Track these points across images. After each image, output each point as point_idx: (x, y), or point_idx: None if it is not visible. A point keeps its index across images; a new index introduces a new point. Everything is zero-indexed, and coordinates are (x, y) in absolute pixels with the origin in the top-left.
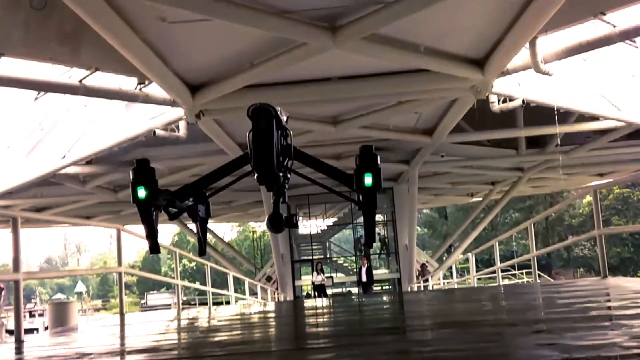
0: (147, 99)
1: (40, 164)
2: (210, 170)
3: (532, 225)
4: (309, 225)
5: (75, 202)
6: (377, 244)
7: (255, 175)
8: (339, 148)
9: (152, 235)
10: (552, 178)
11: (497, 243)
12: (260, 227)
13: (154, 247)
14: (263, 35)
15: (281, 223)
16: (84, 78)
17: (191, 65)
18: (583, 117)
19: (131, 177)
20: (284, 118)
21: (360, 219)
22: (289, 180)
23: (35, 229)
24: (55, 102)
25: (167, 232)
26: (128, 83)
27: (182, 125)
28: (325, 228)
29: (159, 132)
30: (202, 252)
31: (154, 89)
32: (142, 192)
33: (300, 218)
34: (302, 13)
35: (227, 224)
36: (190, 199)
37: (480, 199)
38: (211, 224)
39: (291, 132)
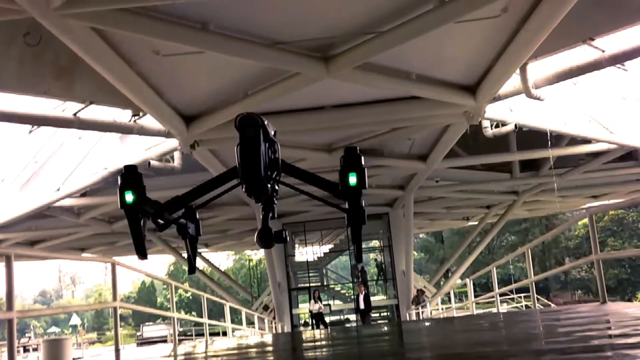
0: (142, 131)
1: (35, 197)
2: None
3: (529, 249)
4: (305, 253)
5: (70, 234)
6: (374, 270)
7: (243, 187)
8: (334, 175)
9: (139, 242)
10: (547, 201)
11: (494, 268)
12: (256, 254)
13: (141, 254)
14: (257, 66)
15: (271, 238)
16: (79, 111)
17: (185, 96)
18: (576, 140)
19: (119, 183)
20: (272, 132)
21: None
22: (277, 194)
23: (30, 261)
24: (49, 134)
25: (163, 262)
26: (122, 115)
27: (177, 155)
28: (322, 255)
29: (153, 163)
30: (191, 270)
31: (149, 121)
32: (129, 197)
33: (297, 245)
34: (295, 44)
35: (223, 252)
36: (180, 215)
37: (476, 222)
38: (207, 253)
39: (279, 145)
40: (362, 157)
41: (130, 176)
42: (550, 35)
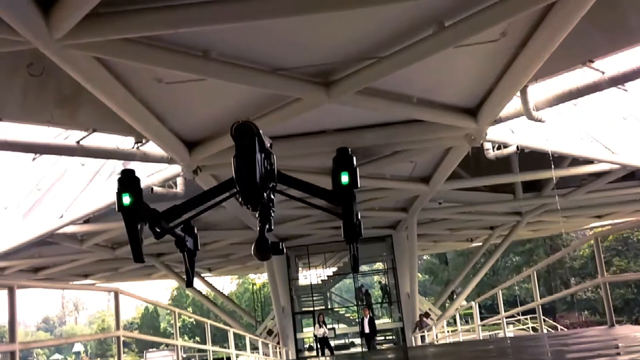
0: (145, 158)
1: (38, 224)
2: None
3: (535, 272)
4: (309, 276)
5: (73, 260)
6: (378, 292)
7: (239, 196)
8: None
9: (136, 246)
10: (551, 221)
11: (500, 291)
12: (259, 278)
13: (138, 257)
14: (258, 92)
15: (267, 249)
16: (82, 139)
17: (188, 123)
18: (577, 161)
19: (117, 186)
20: (268, 143)
21: (361, 269)
22: (274, 205)
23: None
24: (53, 161)
25: (166, 286)
26: (125, 142)
27: (180, 181)
28: (326, 278)
29: (156, 189)
30: (189, 284)
31: (151, 148)
32: (126, 199)
33: (300, 269)
34: (296, 70)
35: (226, 276)
36: (178, 227)
37: (480, 243)
38: (210, 278)
39: (274, 156)
40: (354, 158)
41: (128, 180)
42: (550, 57)
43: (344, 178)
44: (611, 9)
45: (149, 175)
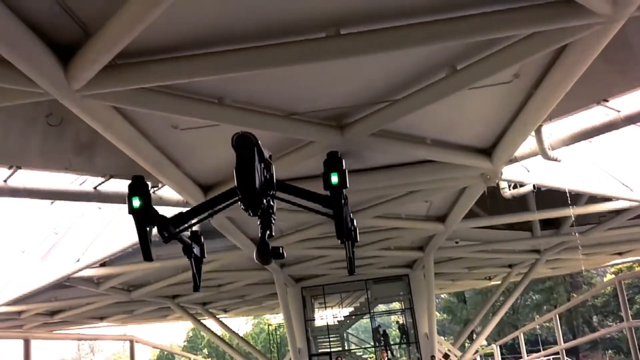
0: (160, 202)
1: (55, 268)
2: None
3: (557, 316)
4: (325, 317)
5: (89, 303)
6: (395, 332)
7: (241, 203)
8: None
9: (145, 246)
10: (570, 259)
11: (522, 334)
12: (275, 318)
13: (147, 256)
14: (272, 136)
15: (268, 253)
16: (99, 185)
17: (203, 166)
18: (596, 198)
19: (128, 191)
20: (267, 154)
21: (378, 308)
22: (274, 211)
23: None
24: (69, 205)
25: (182, 327)
26: None
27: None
28: (342, 319)
29: None
30: (196, 289)
31: (167, 192)
32: (136, 202)
33: (316, 309)
34: (309, 114)
35: (241, 317)
36: (187, 235)
37: (499, 282)
38: (225, 318)
39: (273, 166)
40: (343, 161)
41: (138, 185)
42: (564, 96)
43: (334, 178)
44: (624, 48)
45: None
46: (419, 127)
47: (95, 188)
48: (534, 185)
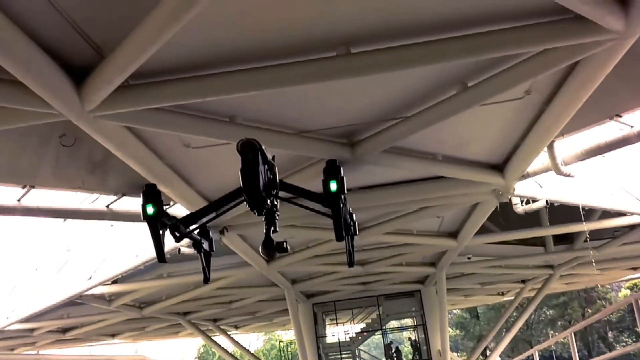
0: None
1: (67, 286)
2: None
3: (572, 333)
4: (336, 333)
5: (101, 320)
6: (408, 349)
7: (247, 203)
8: (363, 255)
9: (159, 249)
10: (585, 274)
11: (537, 352)
12: (286, 334)
13: (161, 258)
14: (283, 153)
15: (273, 247)
16: (111, 203)
17: (214, 184)
18: (609, 213)
19: (141, 198)
20: (270, 156)
21: (390, 325)
22: (277, 209)
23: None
24: (82, 223)
25: (193, 344)
26: None
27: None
28: (354, 335)
29: (184, 249)
30: (206, 281)
31: (179, 209)
32: (150, 209)
33: (327, 325)
34: (320, 132)
35: (253, 334)
36: (196, 231)
37: (512, 297)
38: (236, 335)
39: (276, 168)
40: (341, 169)
41: (151, 193)
42: (577, 112)
43: (333, 186)
44: (638, 63)
45: None
46: (430, 144)
47: (107, 206)
48: (546, 201)
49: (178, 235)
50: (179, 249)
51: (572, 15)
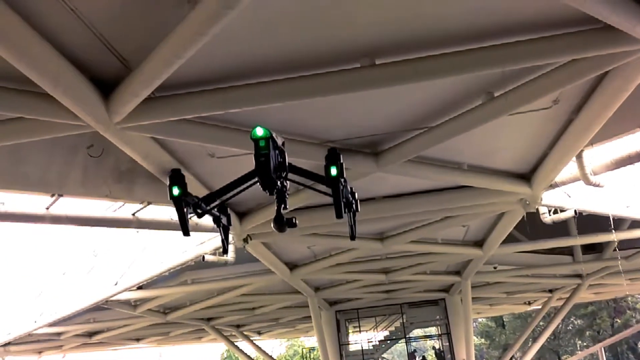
0: (197, 228)
1: (94, 291)
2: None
3: (602, 348)
4: (360, 340)
5: (126, 325)
6: (432, 358)
7: (260, 184)
8: (386, 263)
9: (184, 224)
10: (614, 284)
11: None
12: (309, 340)
13: (185, 232)
14: (306, 163)
15: (283, 222)
16: (137, 211)
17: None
18: (639, 222)
19: (168, 182)
20: (280, 141)
21: (414, 333)
22: (287, 188)
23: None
24: (109, 229)
25: (216, 349)
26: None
27: (230, 249)
28: (377, 343)
29: (207, 257)
30: (225, 252)
31: (203, 218)
32: (176, 191)
33: (350, 332)
34: (345, 142)
35: (276, 339)
36: (216, 209)
37: (539, 306)
38: (259, 341)
39: (286, 152)
40: (341, 155)
41: (177, 176)
42: (607, 121)
43: (333, 171)
44: None
45: (201, 244)
46: (455, 153)
47: (133, 214)
48: (575, 211)
49: (200, 212)
50: (203, 257)
51: (602, 25)
